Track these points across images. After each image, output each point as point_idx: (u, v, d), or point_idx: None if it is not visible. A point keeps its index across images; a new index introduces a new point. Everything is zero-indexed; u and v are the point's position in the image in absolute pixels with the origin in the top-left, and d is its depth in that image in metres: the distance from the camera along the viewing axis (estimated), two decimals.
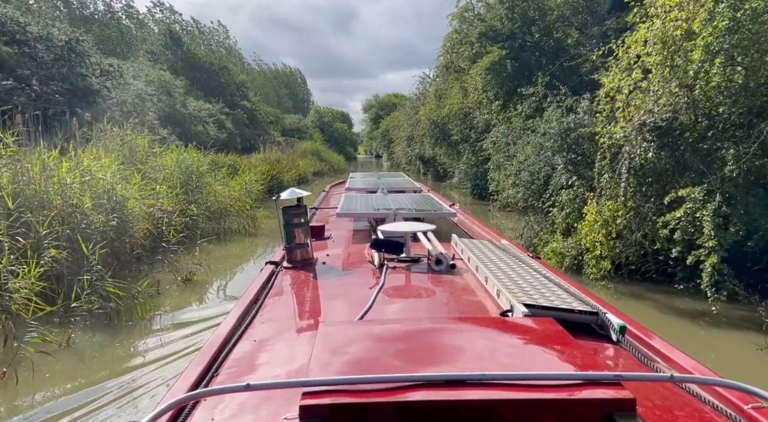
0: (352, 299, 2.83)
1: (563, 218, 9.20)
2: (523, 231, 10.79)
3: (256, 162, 26.33)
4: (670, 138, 6.90)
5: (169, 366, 5.31)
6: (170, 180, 11.79)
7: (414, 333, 1.82)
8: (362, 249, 3.99)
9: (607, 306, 2.43)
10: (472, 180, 21.99)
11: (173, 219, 10.02)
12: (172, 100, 26.67)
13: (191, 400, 1.64)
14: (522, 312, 2.25)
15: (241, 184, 15.25)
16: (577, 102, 9.86)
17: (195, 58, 38.91)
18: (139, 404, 4.58)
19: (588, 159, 9.71)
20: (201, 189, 12.49)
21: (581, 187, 9.11)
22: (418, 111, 35.60)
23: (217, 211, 12.70)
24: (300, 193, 3.68)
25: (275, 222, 16.28)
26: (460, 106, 19.37)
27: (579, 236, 8.53)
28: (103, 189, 7.88)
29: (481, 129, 18.28)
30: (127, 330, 6.23)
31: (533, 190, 10.64)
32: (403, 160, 42.51)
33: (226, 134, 30.72)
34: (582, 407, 1.39)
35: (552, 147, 9.69)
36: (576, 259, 8.62)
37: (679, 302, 7.19)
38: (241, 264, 10.57)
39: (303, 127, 54.92)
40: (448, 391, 1.40)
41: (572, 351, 1.67)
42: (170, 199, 10.66)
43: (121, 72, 20.51)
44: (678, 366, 1.97)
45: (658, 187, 7.05)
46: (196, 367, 1.98)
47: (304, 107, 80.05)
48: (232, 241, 12.15)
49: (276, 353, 2.20)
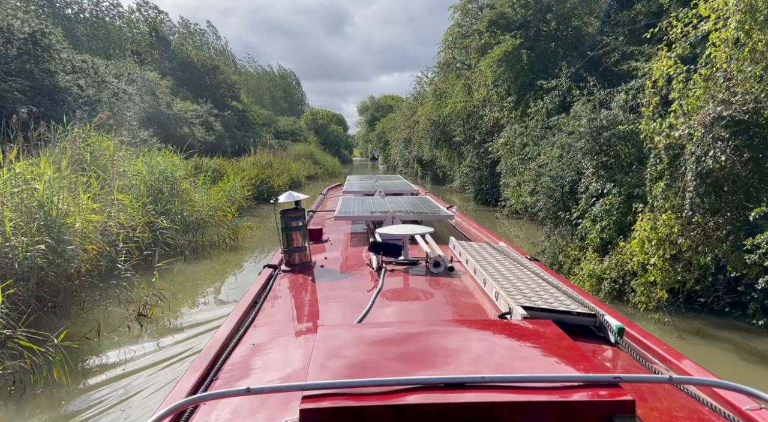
0: (351, 302, 2.79)
1: (597, 233, 7.70)
2: (546, 245, 9.29)
3: (246, 166, 24.88)
4: (752, 136, 5.41)
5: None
6: (138, 188, 10.26)
7: (412, 336, 1.81)
8: (360, 252, 3.94)
9: (605, 308, 2.41)
10: (476, 184, 20.50)
11: (134, 236, 8.48)
12: (156, 101, 25.10)
13: (190, 404, 1.64)
14: (521, 314, 2.22)
15: (225, 190, 13.68)
16: (610, 95, 8.37)
17: (183, 58, 37.30)
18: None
19: (623, 162, 8.24)
20: (176, 197, 10.95)
21: (619, 195, 7.62)
22: (415, 112, 34.27)
23: (194, 222, 11.16)
24: (298, 196, 3.62)
25: (261, 233, 14.78)
26: (463, 104, 17.87)
27: (621, 256, 7.04)
28: (36, 202, 6.33)
29: (488, 129, 16.79)
30: (35, 404, 4.60)
31: (556, 198, 9.15)
32: (399, 163, 41.09)
33: (214, 136, 29.14)
34: (581, 409, 1.39)
35: (582, 148, 8.19)
36: (618, 284, 7.13)
37: (763, 344, 5.70)
38: (216, 285, 9.02)
39: (297, 130, 53.53)
40: (447, 394, 1.39)
41: (571, 353, 1.66)
42: (135, 211, 9.11)
43: (96, 69, 18.91)
44: (676, 367, 1.96)
45: (736, 199, 5.56)
46: (195, 371, 1.96)
47: (298, 109, 78.56)
48: (209, 257, 10.61)
49: (275, 356, 2.18)
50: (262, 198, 20.85)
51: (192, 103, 30.60)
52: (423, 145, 28.86)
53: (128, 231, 8.36)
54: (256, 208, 19.45)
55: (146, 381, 5.06)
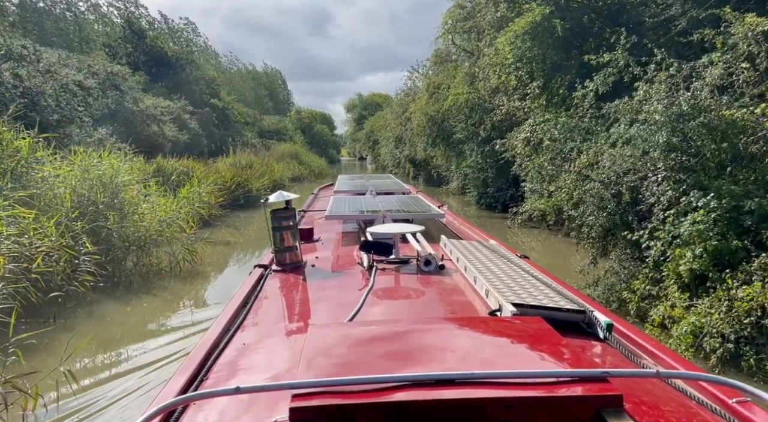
0: (342, 301, 2.76)
1: (688, 263, 5.42)
2: (599, 275, 7.01)
3: (223, 167, 22.41)
4: None
5: None
6: (60, 200, 7.85)
7: (403, 333, 1.81)
8: (351, 252, 3.93)
9: (594, 304, 2.41)
10: (479, 187, 18.21)
11: (38, 267, 6.08)
12: (121, 96, 22.56)
13: (180, 404, 1.63)
14: (510, 311, 2.24)
15: (185, 198, 11.24)
16: (694, 72, 6.08)
17: (158, 52, 34.64)
18: None
19: (709, 162, 5.99)
20: (114, 210, 8.53)
21: (718, 209, 5.36)
22: (407, 108, 31.91)
23: (138, 240, 8.75)
24: (289, 195, 3.58)
25: (226, 251, 12.26)
26: (466, 96, 15.56)
27: (740, 303, 4.76)
28: None
29: (496, 124, 14.51)
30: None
31: (611, 210, 6.87)
32: (390, 163, 38.64)
33: (188, 136, 26.58)
34: (570, 404, 1.39)
35: (657, 143, 5.92)
36: (730, 341, 4.85)
37: None
38: (139, 346, 6.36)
39: (283, 129, 51.30)
40: (436, 391, 1.40)
41: (560, 349, 1.67)
42: (42, 233, 6.70)
43: (39, 56, 16.35)
44: (664, 362, 1.97)
45: None
46: (185, 371, 1.94)
47: (284, 109, 75.97)
48: (152, 291, 8.18)
49: (265, 356, 2.17)
50: (237, 204, 18.43)
51: (165, 100, 28.05)
52: (416, 144, 26.52)
53: (25, 260, 5.96)
54: (230, 216, 17.02)
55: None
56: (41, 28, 35.51)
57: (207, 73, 39.76)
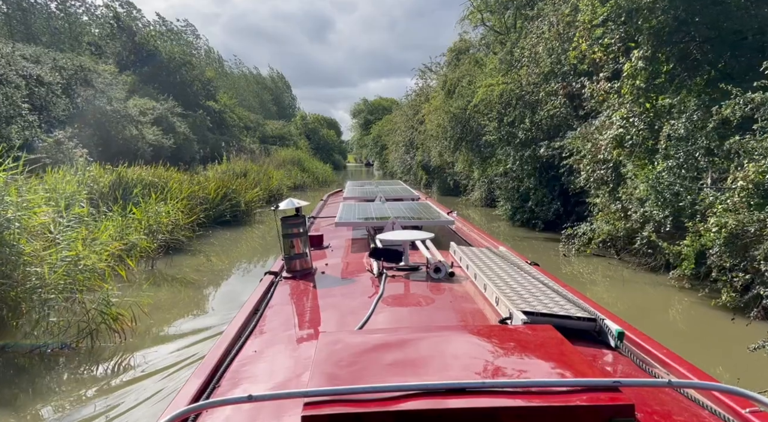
0: (352, 308, 2.75)
1: None
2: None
3: (213, 175, 19.36)
4: None
5: None
6: None
7: (413, 341, 1.80)
8: (361, 258, 3.89)
9: (605, 312, 2.38)
10: (514, 200, 15.03)
11: None
12: (93, 94, 19.57)
13: (193, 412, 1.62)
14: (521, 319, 2.20)
15: (139, 219, 8.09)
16: None
17: (149, 51, 31.72)
18: None
19: None
20: None
21: None
22: (419, 111, 28.76)
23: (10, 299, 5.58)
24: (298, 202, 3.61)
25: (182, 299, 8.36)
26: (502, 88, 12.40)
27: None
28: None
29: (544, 121, 11.36)
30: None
31: None
32: (398, 169, 35.30)
33: (173, 140, 23.52)
34: (582, 413, 1.38)
35: None
36: None
37: None
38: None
39: (287, 134, 48.55)
40: (448, 400, 1.39)
41: (571, 357, 1.65)
42: None
43: None
44: (676, 371, 1.94)
45: None
46: (197, 379, 1.94)
47: (289, 114, 73.28)
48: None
49: (276, 363, 2.17)
50: (222, 220, 15.34)
51: (150, 100, 25.08)
52: (431, 148, 23.39)
53: None
54: (211, 237, 13.91)
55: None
56: (27, 27, 32.87)
57: (204, 74, 36.82)
